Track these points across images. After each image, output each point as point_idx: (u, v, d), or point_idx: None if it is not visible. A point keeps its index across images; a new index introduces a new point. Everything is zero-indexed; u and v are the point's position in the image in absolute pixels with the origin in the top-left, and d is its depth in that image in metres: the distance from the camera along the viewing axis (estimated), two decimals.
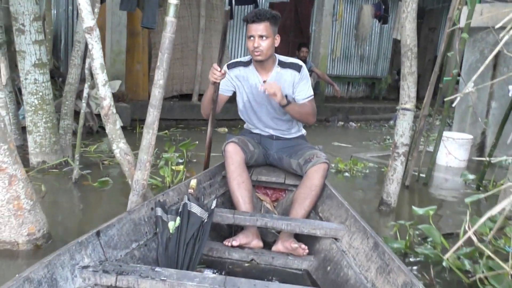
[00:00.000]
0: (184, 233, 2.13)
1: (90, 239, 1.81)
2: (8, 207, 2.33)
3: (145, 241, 2.12)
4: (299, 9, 9.95)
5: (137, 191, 2.83)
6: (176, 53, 7.36)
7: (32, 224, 2.42)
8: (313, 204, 2.63)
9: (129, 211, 2.11)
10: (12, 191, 2.33)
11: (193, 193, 2.37)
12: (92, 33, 2.68)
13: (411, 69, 3.46)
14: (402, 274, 1.76)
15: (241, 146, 2.75)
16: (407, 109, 3.49)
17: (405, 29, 3.43)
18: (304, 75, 2.87)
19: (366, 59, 11.68)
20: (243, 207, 2.59)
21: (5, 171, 2.29)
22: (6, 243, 2.39)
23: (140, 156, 2.83)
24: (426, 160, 4.68)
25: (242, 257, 2.40)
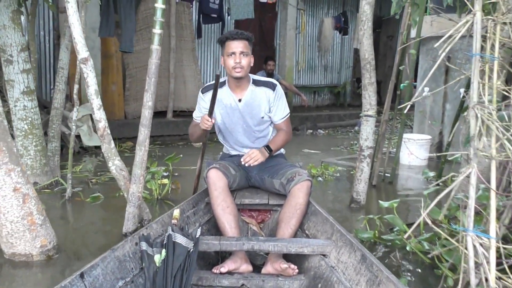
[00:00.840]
0: (170, 265, 2.09)
1: (74, 282, 1.74)
2: (22, 223, 2.60)
3: (131, 278, 2.07)
4: (263, 23, 10.40)
5: (133, 202, 3.15)
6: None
7: (44, 237, 2.70)
8: (299, 222, 2.62)
9: (113, 249, 2.05)
10: (26, 208, 2.61)
11: (176, 223, 2.35)
12: (87, 63, 2.99)
13: (370, 80, 3.88)
14: (392, 285, 1.78)
15: (222, 171, 2.73)
16: (369, 116, 3.91)
17: (363, 44, 3.85)
18: (279, 94, 2.94)
19: (329, 68, 12.20)
20: (229, 232, 2.56)
21: (19, 191, 2.57)
22: (22, 255, 2.65)
23: (134, 171, 3.15)
24: (390, 161, 5.12)
25: (232, 283, 2.35)
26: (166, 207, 3.90)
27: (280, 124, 3.00)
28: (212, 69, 10.00)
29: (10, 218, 2.58)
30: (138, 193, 3.15)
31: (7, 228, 2.59)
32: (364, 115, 3.94)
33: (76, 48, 2.98)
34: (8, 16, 3.91)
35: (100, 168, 5.33)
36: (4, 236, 2.62)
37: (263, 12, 10.04)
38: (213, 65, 9.98)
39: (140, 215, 3.24)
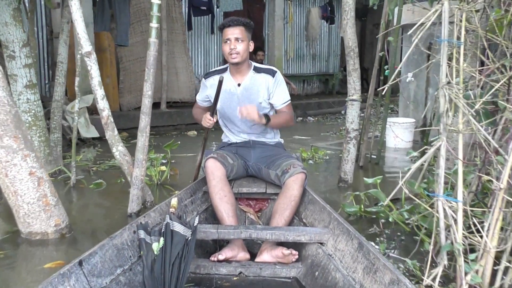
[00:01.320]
0: (169, 253, 2.11)
1: (73, 270, 1.77)
2: (38, 204, 2.85)
3: (129, 266, 2.09)
4: (251, 15, 10.60)
5: (136, 185, 3.41)
6: (142, 65, 7.85)
7: (58, 217, 2.94)
8: (293, 213, 2.66)
9: (111, 237, 2.07)
10: (41, 190, 2.85)
11: (174, 212, 2.36)
12: (90, 57, 3.22)
13: (354, 66, 4.14)
14: (388, 272, 1.81)
15: (220, 161, 2.78)
16: (354, 100, 4.18)
17: (347, 33, 4.11)
18: (279, 80, 2.97)
19: (318, 57, 12.45)
20: (227, 221, 2.60)
21: (34, 174, 2.81)
22: (38, 233, 2.90)
23: (137, 155, 3.41)
24: (377, 144, 5.40)
25: (230, 271, 2.37)
26: (165, 192, 4.15)
27: (281, 109, 3.03)
28: (203, 60, 10.21)
29: (26, 200, 2.82)
30: (141, 176, 3.40)
31: (24, 209, 2.84)
32: (350, 99, 4.20)
33: (80, 42, 3.21)
34: (9, 14, 4.11)
35: (99, 158, 5.55)
36: (21, 216, 2.86)
37: (251, 3, 10.26)
38: (203, 56, 10.19)
39: (143, 196, 3.50)
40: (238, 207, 2.99)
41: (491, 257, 2.24)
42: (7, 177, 2.75)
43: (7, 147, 2.69)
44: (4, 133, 2.67)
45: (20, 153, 2.74)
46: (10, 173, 2.74)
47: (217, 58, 10.45)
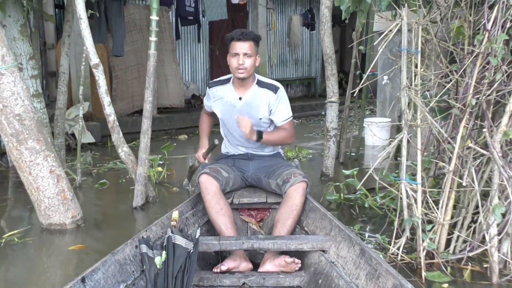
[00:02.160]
0: (171, 267, 2.11)
1: (76, 287, 1.76)
2: (57, 198, 3.25)
3: (132, 281, 2.09)
4: (235, 23, 11.06)
5: (140, 181, 3.82)
6: (133, 73, 8.27)
7: (74, 210, 3.35)
8: (295, 222, 2.66)
9: (113, 252, 2.07)
10: (60, 186, 3.25)
11: (176, 225, 2.37)
12: (98, 68, 3.64)
13: (332, 72, 4.61)
14: (391, 277, 1.81)
15: (213, 176, 2.78)
16: (333, 102, 4.64)
17: (324, 42, 4.58)
18: (281, 96, 2.92)
19: (300, 62, 12.94)
20: (226, 233, 2.60)
21: (54, 172, 3.21)
22: (57, 224, 3.29)
23: (140, 155, 3.83)
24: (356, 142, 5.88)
25: (233, 282, 2.36)
26: (164, 189, 4.55)
27: (282, 126, 2.97)
28: (190, 67, 10.61)
29: (47, 195, 3.21)
30: (144, 173, 3.82)
31: (45, 203, 3.23)
32: (329, 101, 4.67)
33: (88, 56, 3.62)
34: (17, 30, 4.50)
35: (97, 161, 5.93)
36: (43, 209, 3.26)
37: (235, 12, 10.71)
38: (190, 63, 10.60)
39: (146, 192, 3.90)
40: (239, 218, 3.04)
41: (445, 228, 2.71)
42: (30, 175, 3.15)
43: (31, 148, 3.10)
44: (28, 137, 3.07)
45: (42, 153, 3.14)
46: (33, 171, 3.14)
47: (203, 65, 10.88)
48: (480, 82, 2.49)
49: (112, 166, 5.56)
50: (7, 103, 2.97)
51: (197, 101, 9.88)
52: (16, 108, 3.00)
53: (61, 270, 2.79)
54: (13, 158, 3.15)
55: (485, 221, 2.53)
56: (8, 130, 3.02)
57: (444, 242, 2.70)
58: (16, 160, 3.13)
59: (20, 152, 3.08)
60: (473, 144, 2.55)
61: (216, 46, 10.98)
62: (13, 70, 2.98)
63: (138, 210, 3.79)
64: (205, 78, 10.94)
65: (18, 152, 3.08)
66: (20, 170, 3.18)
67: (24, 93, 3.05)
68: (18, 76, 3.03)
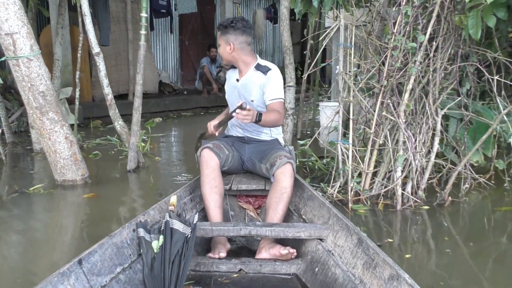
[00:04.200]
0: (168, 251, 2.11)
1: (72, 268, 1.77)
2: (71, 159, 4.08)
3: (129, 264, 2.09)
4: (204, 15, 11.90)
5: (133, 149, 4.68)
6: (111, 61, 9.00)
7: (83, 169, 4.19)
8: (286, 206, 2.63)
9: (111, 235, 2.07)
10: (72, 150, 4.08)
11: (173, 209, 2.38)
12: (99, 56, 4.46)
13: (290, 61, 5.54)
14: (388, 267, 1.81)
15: (215, 151, 2.78)
16: (290, 86, 5.59)
17: (283, 36, 5.50)
18: (272, 77, 2.90)
19: (264, 53, 13.87)
20: (213, 211, 2.64)
21: (68, 138, 4.04)
22: (69, 181, 4.12)
23: (133, 127, 4.68)
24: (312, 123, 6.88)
25: (230, 268, 2.37)
26: (148, 159, 5.40)
27: (271, 105, 2.87)
28: (161, 56, 11.39)
29: (62, 156, 4.04)
30: (136, 142, 4.68)
31: (60, 163, 4.06)
32: (287, 85, 5.62)
33: (91, 45, 4.44)
34: None
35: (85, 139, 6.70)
36: (58, 168, 4.08)
37: (204, 5, 11.54)
38: (162, 52, 11.39)
39: (137, 158, 4.76)
40: (237, 204, 3.09)
41: (368, 176, 3.70)
42: (50, 140, 3.97)
43: (51, 119, 3.91)
44: (49, 109, 3.88)
45: (59, 123, 3.96)
46: (52, 137, 3.96)
47: (174, 54, 11.67)
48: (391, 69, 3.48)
49: (99, 142, 6.35)
50: (34, 83, 3.77)
51: (167, 87, 10.70)
52: (40, 86, 3.81)
53: (81, 208, 3.70)
54: (36, 127, 3.97)
55: (394, 169, 3.54)
56: (33, 104, 3.83)
57: (368, 185, 3.70)
58: (38, 128, 3.95)
59: (42, 121, 3.90)
60: (386, 113, 3.54)
61: (186, 37, 11.79)
62: (38, 56, 3.78)
63: (132, 173, 4.65)
64: (176, 67, 11.75)
65: (41, 122, 3.90)
66: (41, 137, 4.00)
67: (46, 75, 3.86)
68: (42, 61, 3.82)
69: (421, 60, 3.40)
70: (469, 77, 3.82)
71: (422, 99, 3.63)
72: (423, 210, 3.46)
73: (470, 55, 3.80)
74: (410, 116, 3.61)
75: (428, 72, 3.55)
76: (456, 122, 3.85)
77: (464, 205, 3.58)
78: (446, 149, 3.84)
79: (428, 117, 3.59)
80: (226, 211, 2.97)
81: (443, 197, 3.56)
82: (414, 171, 3.54)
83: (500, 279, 2.50)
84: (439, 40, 3.54)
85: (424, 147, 3.61)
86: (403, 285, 1.69)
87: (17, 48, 3.65)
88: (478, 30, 3.16)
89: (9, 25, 3.60)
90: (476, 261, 2.70)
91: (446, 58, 3.59)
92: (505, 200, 3.68)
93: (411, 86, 3.43)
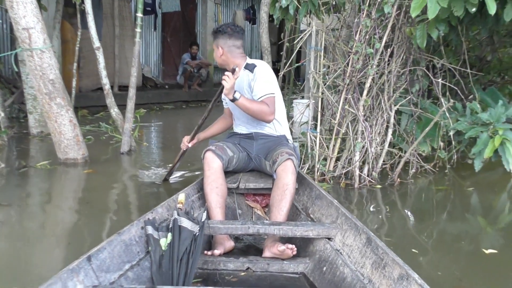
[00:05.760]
0: (176, 249, 2.12)
1: (82, 265, 1.79)
2: (73, 140, 4.63)
3: (137, 261, 2.10)
4: (186, 14, 12.46)
5: (127, 134, 5.25)
6: None
7: (83, 150, 4.74)
8: (289, 203, 2.60)
9: (119, 232, 2.08)
10: (75, 132, 4.63)
11: (182, 207, 2.40)
12: (99, 50, 5.02)
13: (268, 60, 6.20)
14: (397, 267, 1.80)
15: (217, 154, 2.80)
16: None
17: (262, 38, 6.16)
18: (257, 73, 2.91)
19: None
20: (214, 211, 2.65)
21: (72, 122, 4.58)
22: (71, 159, 4.66)
23: (127, 115, 5.25)
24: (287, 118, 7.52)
25: (238, 266, 2.36)
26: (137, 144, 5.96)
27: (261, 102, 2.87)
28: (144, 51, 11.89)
29: (66, 137, 4.58)
30: (129, 128, 5.25)
31: (64, 143, 4.60)
32: None
33: (92, 41, 4.99)
34: None
35: None
36: (62, 148, 4.62)
37: (186, 4, 12.10)
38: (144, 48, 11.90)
39: (130, 142, 5.33)
40: (244, 203, 3.10)
41: (332, 160, 4.37)
42: (56, 122, 4.51)
43: (58, 104, 4.46)
44: (57, 95, 4.43)
45: (65, 108, 4.51)
46: (58, 120, 4.50)
47: (156, 50, 12.20)
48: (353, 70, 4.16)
49: (89, 128, 6.86)
50: (45, 72, 4.32)
51: (149, 81, 11.24)
52: (50, 75, 4.35)
53: (84, 180, 4.29)
54: (44, 110, 4.51)
55: (353, 154, 4.22)
56: (43, 90, 4.38)
57: (332, 167, 4.36)
58: (46, 111, 4.49)
59: (50, 106, 4.44)
60: (348, 107, 4.22)
61: (168, 34, 12.33)
62: (49, 49, 4.33)
63: (125, 154, 5.22)
64: (157, 62, 12.27)
65: (49, 106, 4.44)
66: (48, 119, 4.53)
67: (55, 65, 4.41)
68: (52, 53, 4.37)
69: (377, 63, 4.09)
70: (419, 79, 4.54)
71: (378, 96, 4.32)
72: (377, 188, 4.15)
73: (420, 61, 4.51)
74: (368, 110, 4.30)
75: (384, 74, 4.24)
76: (407, 117, 4.57)
77: (410, 185, 4.28)
78: (398, 139, 4.54)
79: (383, 111, 4.29)
80: (234, 210, 3.02)
81: (393, 179, 4.26)
82: (370, 156, 4.22)
83: (430, 240, 3.19)
84: (393, 47, 4.24)
85: (379, 137, 4.30)
86: (412, 285, 1.68)
87: (32, 41, 4.20)
88: (423, 40, 3.86)
89: (26, 21, 4.14)
90: (416, 228, 3.39)
91: (400, 63, 4.29)
92: (445, 183, 4.40)
93: (369, 84, 4.11)
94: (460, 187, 4.35)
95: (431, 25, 3.80)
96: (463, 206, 3.95)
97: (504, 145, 4.06)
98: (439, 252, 2.89)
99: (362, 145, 4.13)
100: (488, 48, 6.47)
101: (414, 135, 4.50)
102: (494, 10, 3.28)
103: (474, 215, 3.78)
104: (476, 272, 2.64)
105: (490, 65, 6.49)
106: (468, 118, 4.38)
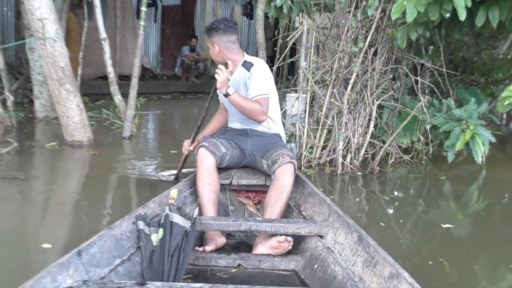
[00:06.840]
0: (168, 245, 2.11)
1: (72, 259, 1.77)
2: (80, 123, 4.99)
3: (128, 256, 2.08)
4: (184, 7, 12.81)
5: (129, 120, 5.62)
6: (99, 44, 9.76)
7: (89, 133, 5.11)
8: (284, 204, 2.63)
9: (110, 227, 2.06)
10: (82, 116, 5.00)
11: (174, 203, 2.38)
12: (105, 41, 5.38)
13: (263, 55, 6.58)
14: (388, 265, 1.81)
15: (210, 150, 2.79)
16: None
17: (258, 34, 6.53)
18: (254, 72, 2.89)
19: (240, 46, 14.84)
20: (206, 207, 2.65)
21: (79, 106, 4.95)
22: (77, 141, 5.04)
23: (129, 101, 5.62)
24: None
25: (229, 263, 2.35)
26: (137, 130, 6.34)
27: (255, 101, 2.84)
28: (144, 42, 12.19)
29: (73, 121, 4.95)
30: (131, 114, 5.62)
31: (71, 126, 4.97)
32: None
33: (99, 31, 5.36)
34: None
35: None
36: (69, 131, 4.99)
37: None
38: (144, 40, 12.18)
39: (131, 127, 5.70)
40: (237, 199, 3.11)
41: (319, 148, 4.77)
42: (64, 106, 4.88)
43: (67, 89, 4.82)
44: (66, 81, 4.79)
45: (73, 93, 4.87)
46: (67, 104, 4.87)
47: (155, 42, 12.54)
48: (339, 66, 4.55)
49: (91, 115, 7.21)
50: (56, 59, 4.68)
51: (148, 72, 11.59)
52: (61, 62, 4.72)
53: (90, 160, 4.67)
54: (54, 95, 4.87)
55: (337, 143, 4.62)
56: (54, 76, 4.74)
57: (317, 155, 4.76)
58: (56, 96, 4.86)
59: (60, 91, 4.81)
60: (334, 101, 4.61)
61: (167, 26, 12.67)
62: (61, 39, 4.69)
63: (126, 139, 5.59)
64: (156, 53, 12.61)
65: (59, 92, 4.81)
66: (57, 103, 4.90)
67: (65, 53, 4.77)
68: (63, 43, 4.73)
69: (361, 61, 4.48)
70: (400, 77, 4.94)
71: (362, 91, 4.71)
72: (358, 175, 4.55)
73: (402, 60, 4.90)
74: (353, 104, 4.69)
75: (368, 71, 4.63)
76: (388, 111, 4.97)
77: (389, 173, 4.69)
78: (380, 132, 4.94)
79: (366, 105, 4.68)
80: (226, 206, 3.00)
81: (373, 167, 4.66)
82: (353, 146, 4.62)
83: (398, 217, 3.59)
84: (377, 47, 4.63)
85: (362, 128, 4.70)
86: (403, 284, 1.69)
87: (45, 31, 4.56)
88: (403, 41, 4.26)
89: (41, 12, 4.50)
90: (389, 208, 3.79)
91: (382, 61, 4.69)
92: (421, 173, 4.80)
93: (353, 80, 4.51)
94: (435, 175, 4.77)
95: (411, 27, 4.19)
96: (436, 192, 4.36)
97: (475, 139, 4.48)
98: (403, 227, 3.30)
99: (345, 135, 4.53)
100: (472, 49, 6.90)
101: (394, 128, 4.90)
102: (464, 17, 3.66)
103: (443, 199, 4.19)
104: (432, 241, 3.07)
105: (473, 66, 6.93)
106: (443, 114, 4.79)
